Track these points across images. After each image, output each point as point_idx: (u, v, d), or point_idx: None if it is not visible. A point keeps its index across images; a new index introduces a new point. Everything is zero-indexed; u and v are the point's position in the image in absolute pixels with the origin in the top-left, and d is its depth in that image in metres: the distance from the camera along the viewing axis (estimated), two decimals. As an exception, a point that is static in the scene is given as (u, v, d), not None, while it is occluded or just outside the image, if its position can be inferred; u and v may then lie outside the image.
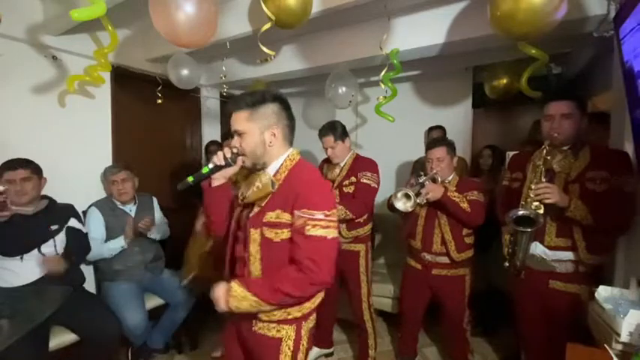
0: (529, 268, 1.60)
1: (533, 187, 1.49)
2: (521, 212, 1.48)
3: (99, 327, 1.87)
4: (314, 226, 1.03)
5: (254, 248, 1.11)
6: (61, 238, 1.95)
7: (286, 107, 1.17)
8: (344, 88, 2.66)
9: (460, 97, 3.34)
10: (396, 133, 3.35)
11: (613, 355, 1.00)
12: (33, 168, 1.86)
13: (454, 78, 3.28)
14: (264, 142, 1.13)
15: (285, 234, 1.08)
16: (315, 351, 2.41)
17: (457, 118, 3.33)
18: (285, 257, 1.09)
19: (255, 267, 1.12)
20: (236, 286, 1.07)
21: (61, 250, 1.93)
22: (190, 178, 1.15)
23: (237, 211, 1.23)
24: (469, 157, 3.32)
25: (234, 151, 1.16)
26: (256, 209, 1.13)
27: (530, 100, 2.31)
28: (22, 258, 1.79)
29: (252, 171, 1.21)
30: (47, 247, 1.88)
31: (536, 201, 1.47)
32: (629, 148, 1.50)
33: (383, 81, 2.32)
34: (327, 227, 1.04)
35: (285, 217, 1.07)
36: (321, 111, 3.35)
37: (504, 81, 2.61)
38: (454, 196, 1.84)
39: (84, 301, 1.96)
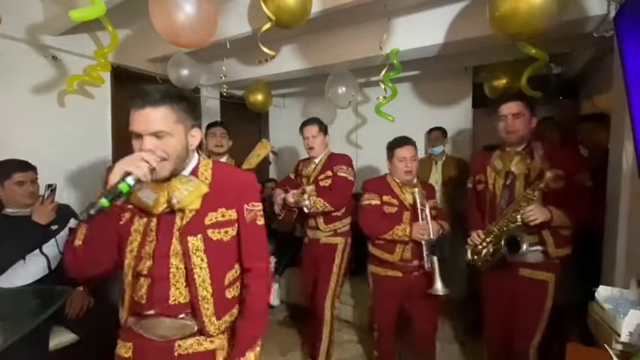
0: (500, 260, 1.66)
1: (517, 211, 1.57)
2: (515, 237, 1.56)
3: (99, 327, 1.87)
4: (260, 216, 1.11)
5: (198, 258, 0.99)
6: (62, 238, 1.95)
7: (197, 108, 1.08)
8: (344, 88, 2.66)
9: (460, 97, 3.34)
10: (396, 133, 3.31)
11: (613, 355, 1.01)
12: (35, 169, 1.87)
13: (454, 78, 3.28)
14: (187, 146, 0.99)
15: (233, 231, 1.06)
16: None
17: (457, 118, 3.33)
18: (233, 257, 1.09)
19: (202, 279, 0.99)
20: None
21: (63, 249, 1.93)
22: (105, 202, 0.81)
23: (138, 226, 1.00)
24: (469, 157, 3.31)
25: (159, 154, 0.91)
26: (189, 214, 0.99)
27: (530, 100, 2.31)
28: (24, 258, 1.79)
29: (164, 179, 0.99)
30: (49, 247, 1.88)
31: (523, 223, 1.55)
32: (629, 148, 1.50)
33: (383, 81, 2.33)
34: (262, 216, 1.14)
35: (233, 214, 1.05)
36: (321, 111, 3.35)
37: (504, 81, 2.60)
38: (446, 230, 1.91)
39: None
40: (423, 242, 1.82)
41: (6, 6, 1.91)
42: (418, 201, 1.85)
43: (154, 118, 0.91)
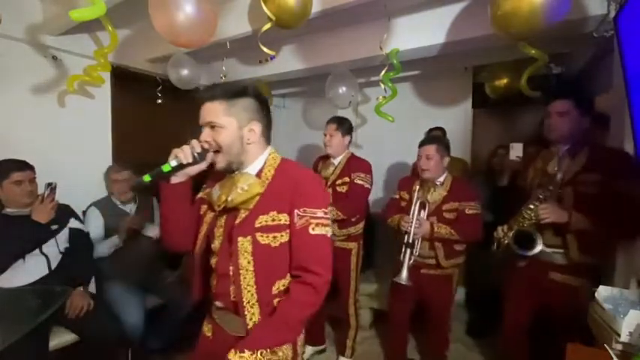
0: (529, 259, 1.62)
1: (530, 209, 1.55)
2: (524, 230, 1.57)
3: (99, 327, 1.87)
4: (317, 224, 1.00)
5: (245, 260, 0.99)
6: (62, 238, 1.96)
7: (266, 105, 1.09)
8: (344, 88, 2.66)
9: (460, 97, 3.33)
10: (396, 133, 3.35)
11: (613, 355, 1.00)
12: (33, 168, 1.87)
13: (454, 78, 3.28)
14: (242, 139, 1.03)
15: (284, 237, 1.01)
16: (309, 349, 2.45)
17: (457, 118, 3.33)
18: (283, 265, 1.02)
19: (247, 282, 0.99)
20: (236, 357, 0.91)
21: (63, 249, 1.94)
22: (147, 177, 0.99)
23: (208, 218, 1.10)
24: (469, 157, 3.31)
25: (205, 146, 1.02)
26: (243, 214, 1.01)
27: (530, 100, 2.31)
28: (24, 258, 1.79)
29: (225, 172, 1.08)
30: (49, 247, 1.88)
31: (534, 221, 1.54)
32: (629, 148, 1.50)
33: (383, 81, 2.32)
34: (327, 225, 1.03)
35: (283, 219, 1.00)
36: (321, 111, 3.35)
37: (504, 81, 2.60)
38: (442, 233, 1.84)
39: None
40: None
41: (6, 6, 1.91)
42: (415, 196, 1.92)
43: (207, 111, 1.02)
